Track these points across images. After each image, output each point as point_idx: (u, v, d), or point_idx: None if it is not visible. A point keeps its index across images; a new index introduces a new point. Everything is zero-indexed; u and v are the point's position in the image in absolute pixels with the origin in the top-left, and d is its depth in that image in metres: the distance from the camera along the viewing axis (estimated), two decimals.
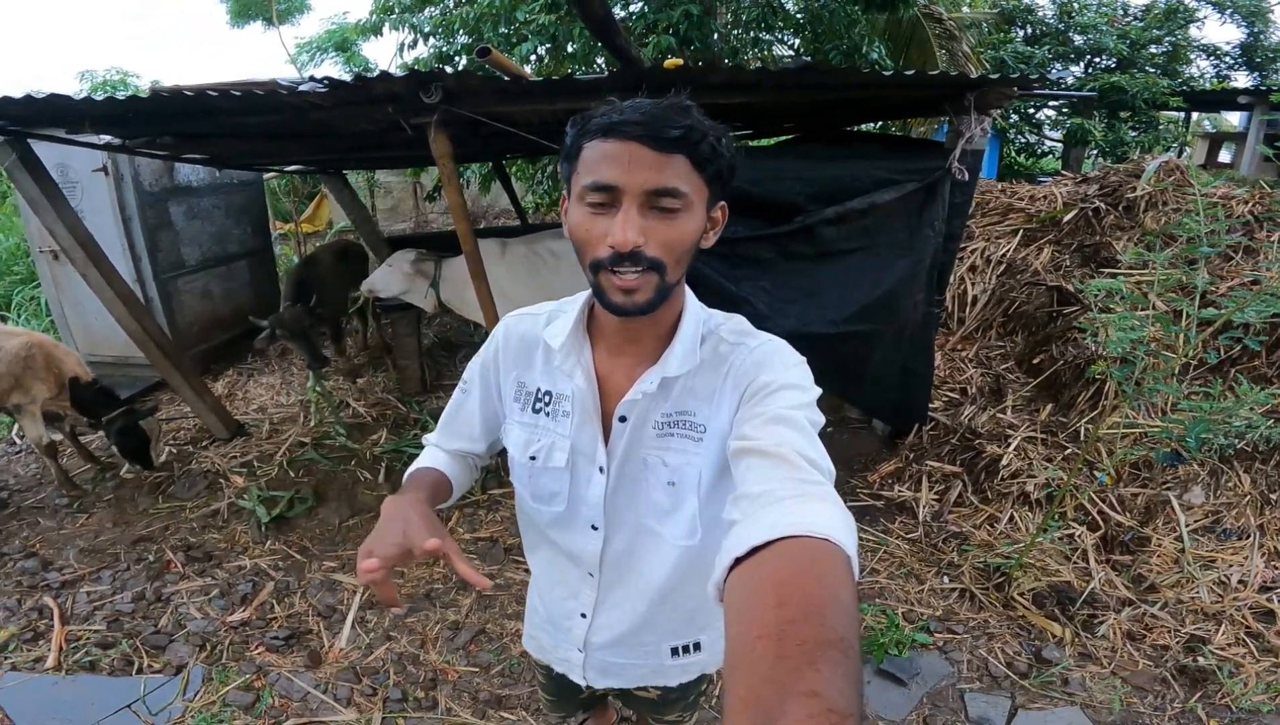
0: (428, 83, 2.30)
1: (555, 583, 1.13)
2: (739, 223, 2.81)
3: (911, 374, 3.41)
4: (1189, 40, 11.45)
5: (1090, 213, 4.36)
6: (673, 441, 0.92)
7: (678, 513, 0.95)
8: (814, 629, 0.49)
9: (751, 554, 0.59)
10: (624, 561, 1.03)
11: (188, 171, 5.18)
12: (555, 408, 0.98)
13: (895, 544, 3.06)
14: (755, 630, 0.50)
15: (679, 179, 0.78)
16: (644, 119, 0.77)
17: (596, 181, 0.78)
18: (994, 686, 2.34)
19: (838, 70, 2.92)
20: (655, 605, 1.04)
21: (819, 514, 0.62)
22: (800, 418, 0.80)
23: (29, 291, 6.26)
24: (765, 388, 0.85)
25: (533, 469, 1.01)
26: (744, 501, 0.70)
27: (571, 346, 0.95)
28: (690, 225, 0.81)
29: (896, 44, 6.95)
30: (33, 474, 3.90)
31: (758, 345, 0.92)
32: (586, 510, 1.00)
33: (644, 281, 0.81)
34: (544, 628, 1.20)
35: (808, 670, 0.45)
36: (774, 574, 0.56)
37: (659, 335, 0.93)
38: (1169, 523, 2.92)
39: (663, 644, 1.11)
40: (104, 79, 10.81)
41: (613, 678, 1.15)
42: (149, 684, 2.37)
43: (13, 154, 3.03)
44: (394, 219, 10.96)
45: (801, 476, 0.70)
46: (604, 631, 1.10)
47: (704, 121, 0.79)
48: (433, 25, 6.43)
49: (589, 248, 0.81)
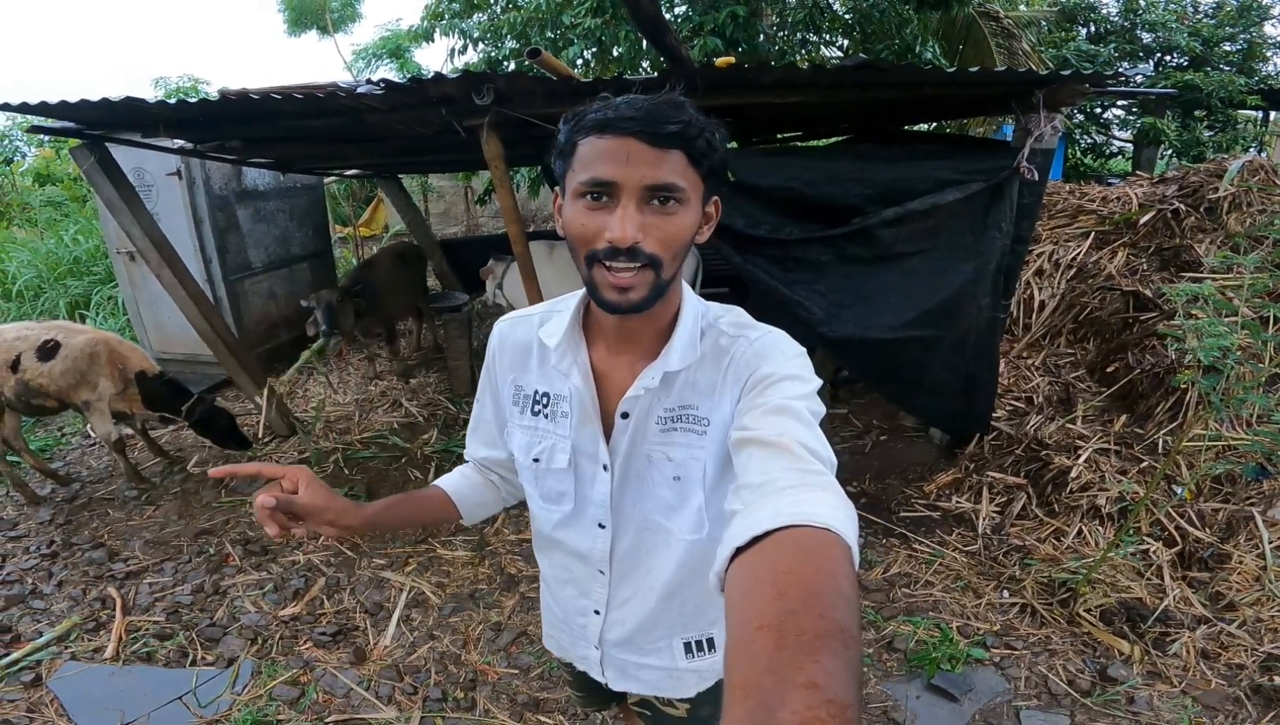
0: (480, 84, 2.32)
1: (566, 582, 1.13)
2: (794, 224, 2.74)
3: (974, 381, 3.28)
4: (1265, 37, 10.89)
5: (1169, 214, 4.12)
6: (676, 436, 0.92)
7: (684, 507, 0.95)
8: (814, 620, 0.49)
9: (752, 544, 0.59)
10: (632, 558, 1.03)
11: (254, 176, 5.38)
12: (554, 409, 0.99)
13: (952, 556, 2.94)
14: (755, 620, 0.50)
15: (676, 174, 0.78)
16: (640, 115, 0.77)
17: (594, 178, 0.78)
18: (1053, 704, 2.24)
19: (897, 68, 2.83)
20: (664, 600, 1.04)
21: (820, 503, 0.62)
22: (801, 408, 0.79)
23: (107, 291, 6.59)
24: (766, 379, 0.84)
25: (538, 471, 1.02)
26: (745, 492, 0.69)
27: (567, 346, 0.95)
28: (687, 220, 0.82)
29: (950, 43, 6.78)
30: (104, 467, 4.08)
31: (758, 337, 0.91)
32: (593, 509, 1.00)
33: (640, 279, 0.81)
34: (560, 627, 1.21)
35: (807, 661, 0.45)
36: (774, 564, 0.56)
37: (658, 331, 0.93)
38: (1251, 539, 2.76)
39: (675, 639, 1.10)
40: (177, 85, 11.31)
41: (631, 680, 1.15)
42: (201, 676, 2.42)
43: (91, 157, 3.18)
44: (446, 222, 11.20)
45: (803, 466, 0.70)
46: (617, 628, 1.10)
47: (699, 117, 0.80)
48: (481, 31, 6.54)
49: (584, 244, 0.81)
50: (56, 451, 4.38)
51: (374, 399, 4.88)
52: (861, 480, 3.53)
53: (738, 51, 5.40)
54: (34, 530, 3.42)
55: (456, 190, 11.15)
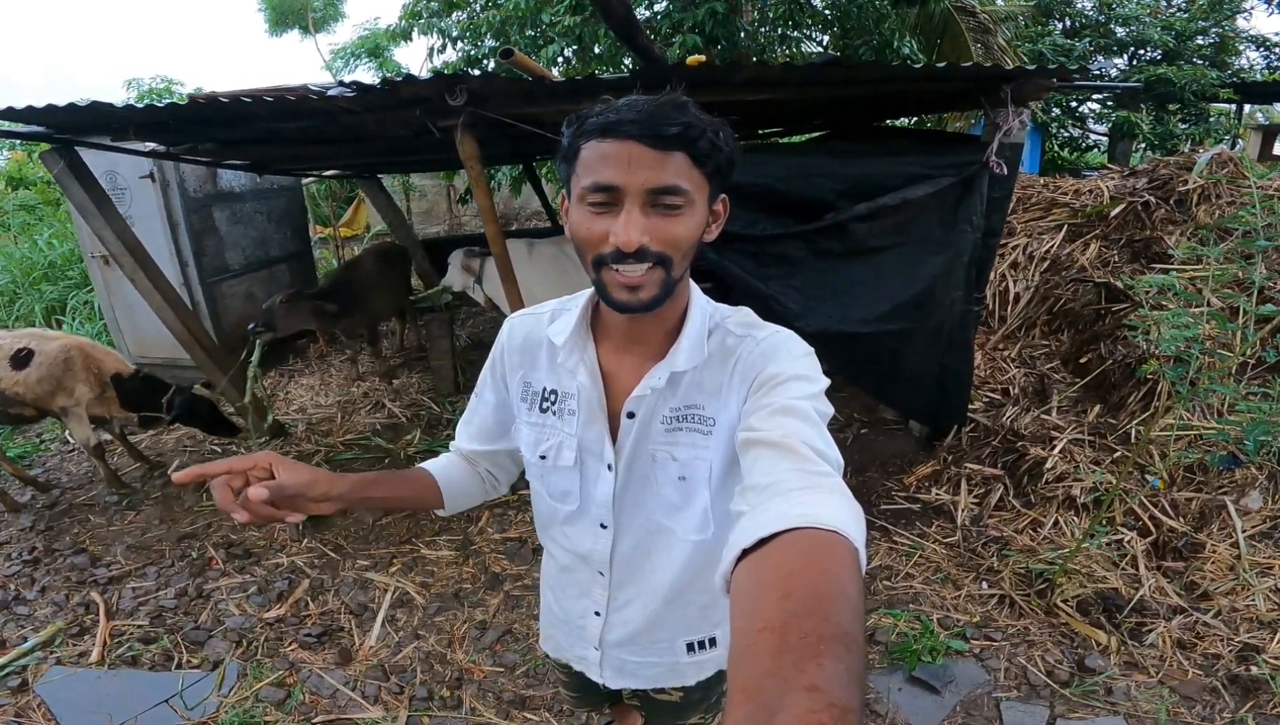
0: (453, 85, 2.31)
1: (566, 583, 1.13)
2: (768, 220, 2.76)
3: (949, 374, 3.32)
4: (1237, 31, 11.06)
5: (1139, 207, 4.18)
6: (681, 436, 0.92)
7: (689, 507, 0.94)
8: (817, 622, 0.48)
9: (758, 546, 0.59)
10: (634, 559, 1.02)
11: (230, 177, 5.33)
12: (561, 406, 0.98)
13: (932, 548, 2.98)
14: (759, 622, 0.50)
15: (679, 176, 0.78)
16: (641, 117, 0.76)
17: (597, 182, 0.78)
18: (1032, 695, 2.27)
19: (865, 65, 2.86)
20: (669, 602, 1.04)
21: (827, 505, 0.61)
22: (808, 408, 0.79)
23: (83, 296, 6.49)
24: (773, 379, 0.84)
25: (544, 468, 1.02)
26: (751, 493, 0.69)
27: (575, 344, 0.95)
28: (693, 221, 0.81)
29: (928, 38, 6.83)
30: (84, 472, 4.05)
31: (765, 337, 0.91)
32: (595, 508, 1.00)
33: (649, 278, 0.81)
34: (559, 626, 1.20)
35: (810, 664, 0.45)
36: (780, 566, 0.56)
37: (665, 331, 0.92)
38: (1224, 528, 2.80)
39: (677, 640, 1.10)
40: (150, 86, 11.16)
41: (629, 678, 1.14)
42: (187, 679, 2.42)
43: (60, 161, 3.15)
44: (428, 222, 11.14)
45: (809, 467, 0.70)
46: (619, 629, 1.09)
47: (701, 117, 0.79)
48: (460, 29, 6.51)
49: (592, 247, 0.82)
50: (36, 458, 4.34)
51: (356, 400, 4.86)
52: (843, 473, 3.55)
53: (718, 48, 5.42)
54: (15, 537, 3.40)
55: (439, 189, 11.10)
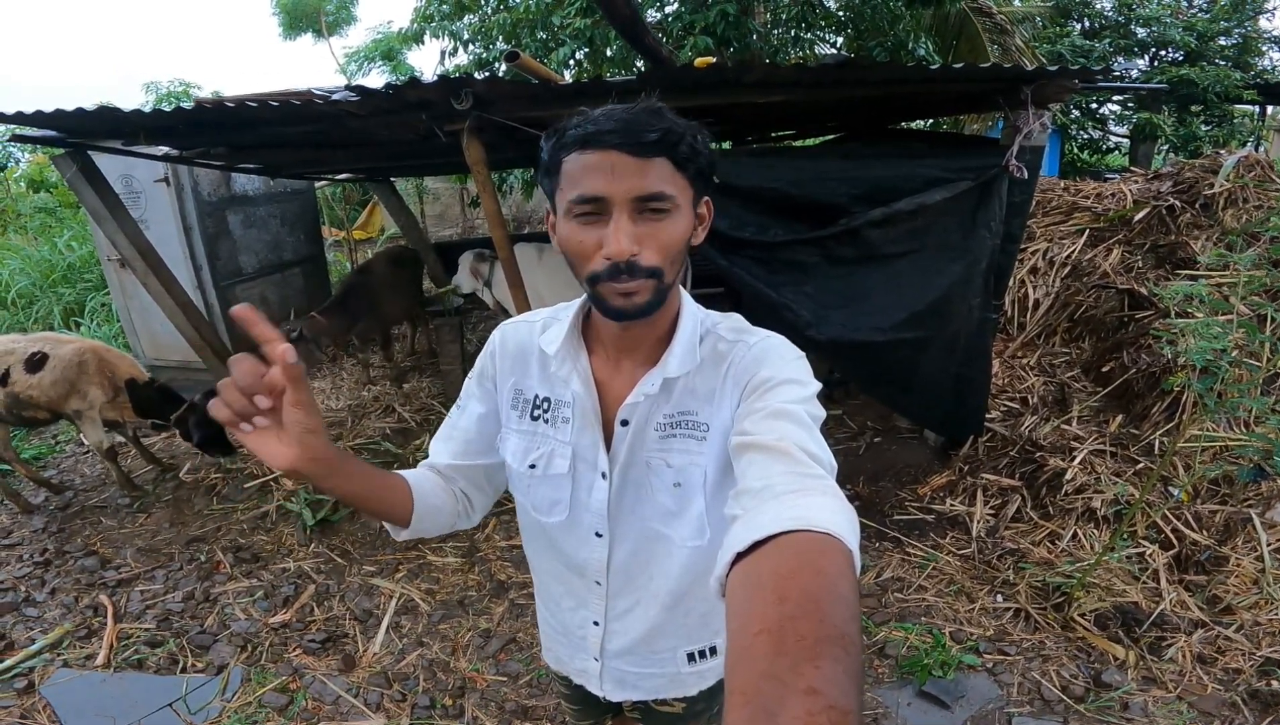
0: (458, 89, 2.29)
1: (562, 594, 1.11)
2: (779, 225, 2.71)
3: (966, 382, 3.25)
4: (1260, 32, 10.89)
5: (1164, 211, 4.08)
6: (675, 442, 0.91)
7: (685, 514, 0.93)
8: (814, 624, 0.48)
9: (752, 549, 0.59)
10: (631, 568, 1.01)
11: (244, 181, 5.36)
12: (555, 414, 0.97)
13: (945, 560, 2.91)
14: (755, 626, 0.50)
15: (664, 182, 0.78)
16: (620, 126, 0.77)
17: (583, 195, 0.78)
18: (1046, 710, 2.21)
19: (880, 65, 2.80)
20: (669, 609, 1.02)
21: (820, 508, 0.61)
22: (801, 412, 0.79)
23: (100, 298, 6.57)
24: (765, 383, 0.84)
25: (532, 478, 0.99)
26: (745, 497, 0.69)
27: (567, 352, 0.95)
28: (680, 225, 0.82)
29: (944, 39, 6.77)
30: (97, 475, 4.08)
31: (756, 342, 0.91)
32: (589, 518, 0.98)
33: (643, 285, 0.81)
34: (558, 639, 1.18)
35: (807, 667, 0.45)
36: (774, 569, 0.56)
37: (657, 337, 0.92)
38: (1249, 542, 2.72)
39: (679, 650, 1.08)
40: (168, 90, 11.28)
41: (630, 689, 1.12)
42: (191, 683, 2.42)
43: (73, 166, 3.17)
44: (441, 225, 11.16)
45: (803, 470, 0.69)
46: (619, 637, 1.08)
47: (679, 122, 0.80)
48: (471, 32, 6.52)
49: (584, 261, 0.82)
50: (50, 459, 4.38)
51: (367, 404, 4.86)
52: (855, 483, 3.50)
53: (729, 50, 5.38)
54: (27, 538, 3.43)
55: (452, 192, 11.12)
